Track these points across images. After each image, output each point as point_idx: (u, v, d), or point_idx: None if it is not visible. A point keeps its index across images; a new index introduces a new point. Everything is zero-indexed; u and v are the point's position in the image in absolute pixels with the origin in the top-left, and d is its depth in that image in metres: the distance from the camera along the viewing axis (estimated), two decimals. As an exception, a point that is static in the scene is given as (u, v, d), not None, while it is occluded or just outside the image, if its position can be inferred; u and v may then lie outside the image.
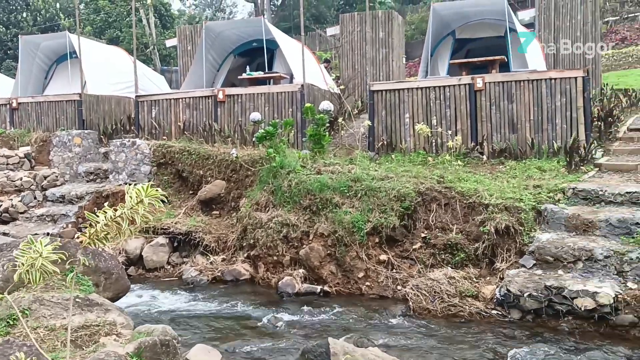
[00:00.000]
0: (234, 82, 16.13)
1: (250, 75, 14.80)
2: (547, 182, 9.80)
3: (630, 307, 7.29)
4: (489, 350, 6.87)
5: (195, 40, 18.10)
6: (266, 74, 14.86)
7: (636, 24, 27.60)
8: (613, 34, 26.65)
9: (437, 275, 8.73)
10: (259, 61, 16.22)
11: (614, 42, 25.51)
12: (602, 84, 16.39)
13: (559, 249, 8.26)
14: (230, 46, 16.54)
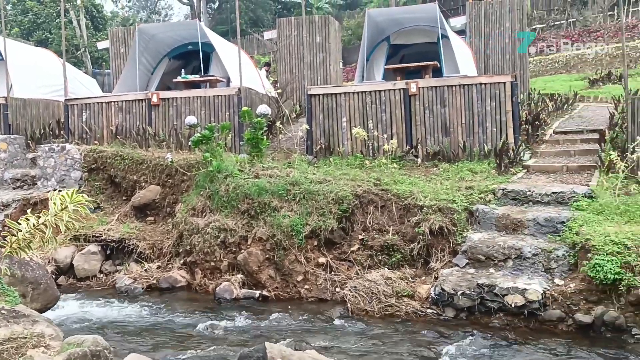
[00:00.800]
0: (169, 85, 15.83)
1: (186, 79, 14.57)
2: (478, 184, 10.11)
3: (558, 303, 7.61)
4: (424, 348, 7.01)
5: (128, 43, 17.67)
6: (202, 77, 14.67)
7: (562, 31, 28.96)
8: (540, 41, 27.85)
9: (374, 277, 8.84)
10: (195, 64, 15.99)
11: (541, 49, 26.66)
12: (530, 89, 17.09)
13: (490, 248, 8.54)
14: (165, 49, 16.24)
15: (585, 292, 7.54)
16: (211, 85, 14.43)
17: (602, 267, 7.34)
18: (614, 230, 7.81)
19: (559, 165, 10.95)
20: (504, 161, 10.89)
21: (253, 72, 15.53)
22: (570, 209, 8.94)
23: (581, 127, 12.93)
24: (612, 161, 9.31)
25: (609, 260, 7.36)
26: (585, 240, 7.80)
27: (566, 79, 20.88)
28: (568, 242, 8.14)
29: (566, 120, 14.00)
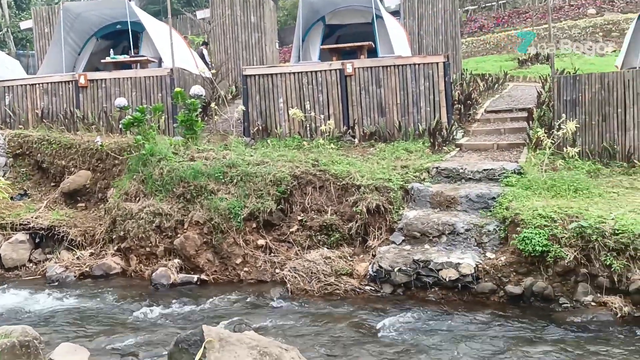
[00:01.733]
0: (97, 66, 15.21)
1: (115, 59, 14.05)
2: (413, 163, 10.30)
3: (490, 276, 7.89)
4: (362, 324, 7.12)
5: (53, 22, 16.81)
6: (132, 57, 14.18)
7: (493, 12, 29.70)
8: (472, 22, 28.48)
9: (313, 257, 8.89)
10: (125, 44, 15.42)
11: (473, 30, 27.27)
12: (462, 69, 17.47)
13: (425, 225, 8.74)
14: (91, 28, 15.55)
15: (515, 265, 7.85)
16: (142, 66, 13.97)
17: (531, 240, 7.65)
18: (541, 205, 8.14)
19: (490, 143, 11.28)
20: (438, 140, 11.12)
21: (186, 53, 15.14)
22: (500, 185, 9.25)
23: (511, 106, 13.36)
24: (539, 138, 9.68)
25: (537, 233, 7.67)
26: (515, 215, 8.10)
27: (497, 60, 21.47)
28: (498, 217, 8.44)
29: (497, 99, 14.43)
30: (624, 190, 8.80)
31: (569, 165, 9.63)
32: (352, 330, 6.97)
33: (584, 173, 9.42)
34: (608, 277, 7.26)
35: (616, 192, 8.71)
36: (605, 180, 9.38)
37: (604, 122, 10.10)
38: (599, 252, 7.32)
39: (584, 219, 7.58)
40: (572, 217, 7.71)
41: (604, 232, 7.34)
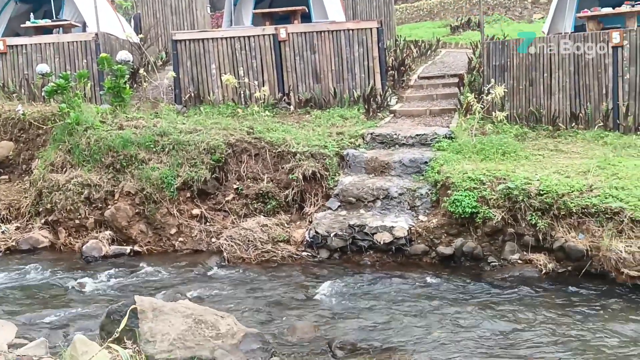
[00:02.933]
0: (17, 31, 14.31)
1: (36, 24, 13.25)
2: (348, 129, 10.35)
3: (422, 238, 8.10)
4: (300, 289, 7.19)
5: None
6: (54, 22, 13.43)
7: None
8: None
9: (250, 225, 8.84)
10: (46, 8, 14.57)
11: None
12: (396, 36, 17.55)
13: (360, 190, 8.84)
14: (9, -10, 14.60)
15: (447, 226, 8.08)
16: (65, 31, 13.27)
17: (461, 202, 7.88)
18: (471, 168, 8.37)
19: (423, 109, 11.46)
20: (372, 106, 11.19)
21: (112, 16, 14.48)
22: (432, 149, 9.45)
23: (443, 72, 13.56)
24: (469, 103, 9.90)
25: (466, 196, 7.91)
26: (446, 178, 8.31)
27: (430, 26, 21.71)
28: (430, 181, 8.63)
29: (430, 65, 14.61)
30: (549, 153, 9.15)
31: (498, 129, 9.92)
32: (289, 296, 7.02)
33: (511, 137, 9.72)
34: (533, 236, 7.58)
35: (542, 155, 9.06)
36: (531, 143, 9.73)
37: (531, 86, 10.42)
38: (525, 212, 7.62)
39: (511, 180, 7.85)
40: (500, 179, 7.98)
41: (529, 193, 7.64)
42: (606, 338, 5.66)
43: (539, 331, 5.85)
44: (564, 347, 5.51)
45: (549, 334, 5.78)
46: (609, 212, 7.15)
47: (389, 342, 5.70)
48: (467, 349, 5.53)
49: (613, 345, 5.51)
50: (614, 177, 7.70)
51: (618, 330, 5.81)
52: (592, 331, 5.81)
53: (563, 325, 5.96)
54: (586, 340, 5.62)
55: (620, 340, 5.60)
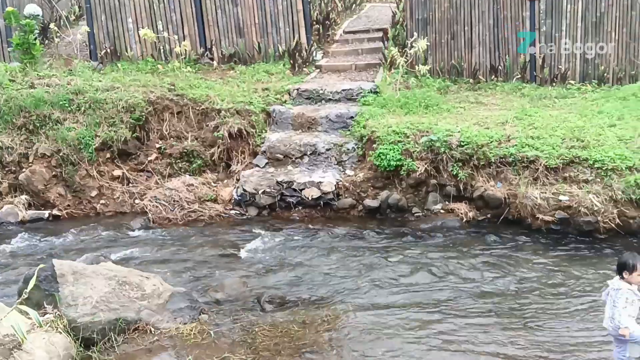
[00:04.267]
0: None
1: None
2: (274, 85, 10.21)
3: (349, 192, 8.19)
4: (228, 247, 7.15)
5: None
6: (-49, -29, 12.32)
7: None
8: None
9: (175, 184, 8.65)
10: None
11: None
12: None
13: (287, 147, 8.79)
14: None
15: (373, 180, 8.20)
16: (-36, -18, 12.22)
17: (386, 156, 7.99)
18: (395, 122, 8.48)
19: (348, 64, 11.43)
20: (298, 61, 11.06)
21: (18, -33, 13.43)
22: (358, 104, 9.49)
23: (368, 27, 13.51)
24: (393, 57, 9.95)
25: (391, 149, 8.02)
26: (371, 133, 8.38)
27: (354, -19, 21.47)
28: (357, 136, 8.69)
29: (355, 20, 14.51)
30: (469, 105, 9.39)
31: (421, 83, 10.06)
32: (218, 254, 6.97)
33: (434, 90, 9.90)
34: (455, 186, 7.82)
35: (463, 107, 9.28)
36: (453, 96, 9.94)
37: (453, 40, 10.58)
38: (447, 164, 7.83)
39: (433, 133, 8.02)
40: (423, 132, 8.13)
41: (451, 145, 7.84)
42: (522, 279, 5.97)
43: (459, 276, 6.09)
44: (482, 290, 5.77)
45: (469, 278, 6.04)
46: (525, 160, 7.46)
47: (318, 294, 5.78)
48: (392, 296, 5.69)
49: (528, 285, 5.83)
50: (530, 127, 8.01)
51: (532, 271, 6.14)
52: (509, 273, 6.11)
53: (482, 269, 6.23)
54: (502, 282, 5.91)
55: (534, 280, 5.93)
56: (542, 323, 5.09)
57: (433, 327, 5.05)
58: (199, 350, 4.61)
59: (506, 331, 4.97)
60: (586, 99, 9.15)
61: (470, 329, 5.02)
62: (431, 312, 5.35)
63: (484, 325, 5.09)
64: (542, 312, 5.29)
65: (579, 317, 5.17)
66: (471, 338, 4.86)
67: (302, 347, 4.66)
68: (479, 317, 5.24)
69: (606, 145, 7.31)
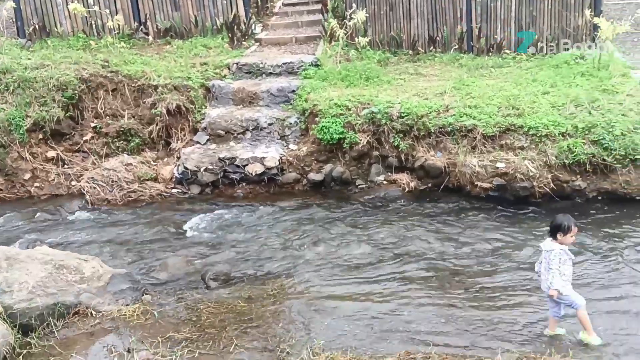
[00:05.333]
0: None
1: None
2: (213, 59, 9.98)
3: (293, 166, 8.16)
4: (171, 226, 7.03)
5: None
6: None
7: None
8: None
9: (113, 164, 8.40)
10: None
11: None
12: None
13: (228, 122, 8.65)
14: None
15: (316, 154, 8.19)
16: None
17: (328, 129, 7.98)
18: (337, 95, 8.46)
19: (288, 36, 11.29)
20: (237, 35, 10.84)
21: None
22: (299, 77, 9.40)
23: (307, -1, 13.36)
24: (333, 29, 9.88)
25: (333, 122, 8.01)
26: (313, 106, 8.34)
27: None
28: (299, 109, 8.63)
29: (294, -8, 14.32)
30: (409, 77, 9.46)
31: (362, 55, 10.05)
32: (160, 234, 6.85)
33: (374, 62, 9.91)
34: (397, 157, 7.91)
35: (403, 79, 9.34)
36: (393, 67, 9.98)
37: (392, 11, 10.58)
38: (389, 135, 7.90)
39: (374, 105, 8.05)
40: (364, 105, 8.15)
41: (392, 116, 7.89)
42: (462, 244, 6.14)
43: (402, 245, 6.21)
44: (424, 256, 5.90)
45: (412, 246, 6.17)
46: (464, 130, 7.61)
47: (263, 269, 5.78)
48: (337, 267, 5.75)
49: (467, 250, 6.00)
50: (467, 97, 8.15)
51: (471, 236, 6.32)
52: (449, 239, 6.27)
53: (424, 237, 6.37)
54: (442, 248, 6.06)
55: (473, 244, 6.10)
56: (481, 285, 5.26)
57: (377, 295, 5.14)
58: (142, 331, 4.54)
59: (446, 293, 5.13)
60: (521, 67, 9.37)
61: (413, 294, 5.15)
62: (375, 280, 5.44)
63: (426, 289, 5.23)
64: (481, 273, 5.47)
65: (515, 276, 5.37)
66: (413, 302, 4.98)
67: (248, 322, 4.66)
68: (421, 282, 5.37)
69: (540, 113, 7.53)
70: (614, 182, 7.00)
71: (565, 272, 4.23)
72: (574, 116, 7.41)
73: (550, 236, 4.28)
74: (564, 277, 4.22)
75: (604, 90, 7.90)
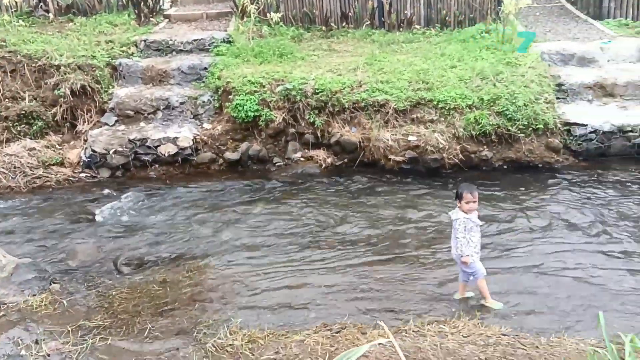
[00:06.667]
0: None
1: None
2: (119, 37, 9.57)
3: (208, 146, 8.00)
4: (80, 212, 6.73)
5: None
6: None
7: None
8: None
9: (15, 150, 7.94)
10: None
11: None
12: None
13: (138, 102, 8.35)
14: None
15: (232, 132, 8.06)
16: None
17: (243, 107, 7.87)
18: (250, 72, 8.34)
19: (199, 12, 11.00)
20: (144, 11, 10.43)
21: None
22: (211, 55, 9.20)
23: (218, -26, 13.03)
24: (244, 5, 9.70)
25: (248, 100, 7.91)
26: (227, 84, 8.19)
27: None
28: (212, 87, 8.45)
29: (204, -33, 13.93)
30: (323, 53, 9.46)
31: (275, 32, 9.94)
32: (69, 221, 6.55)
33: (288, 38, 9.83)
34: (313, 134, 7.93)
35: (317, 55, 9.33)
36: (307, 44, 9.95)
37: (303, -13, 10.52)
38: (304, 112, 7.89)
39: (289, 82, 8.01)
40: (278, 81, 8.09)
41: (306, 93, 7.89)
42: (377, 216, 6.27)
43: (319, 220, 6.26)
44: (340, 231, 5.99)
45: (328, 221, 6.23)
46: (377, 105, 7.73)
47: (179, 252, 5.66)
48: (254, 247, 5.72)
49: (383, 222, 6.13)
50: (379, 72, 8.27)
51: (386, 209, 6.46)
52: (365, 212, 6.38)
53: (340, 212, 6.44)
54: (359, 221, 6.17)
55: (388, 216, 6.25)
56: (395, 254, 5.40)
57: (294, 271, 5.16)
58: (51, 321, 4.34)
59: (362, 264, 5.24)
60: (430, 42, 9.59)
61: (329, 267, 5.21)
62: (292, 257, 5.45)
63: (343, 261, 5.30)
64: (394, 244, 5.61)
65: (426, 245, 5.56)
66: (330, 275, 5.05)
67: (163, 306, 4.56)
68: (338, 255, 5.44)
69: (448, 86, 7.76)
70: (518, 151, 7.36)
71: (472, 239, 4.40)
72: (480, 89, 7.70)
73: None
74: (471, 244, 4.39)
75: (508, 63, 8.24)
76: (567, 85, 8.13)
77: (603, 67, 8.55)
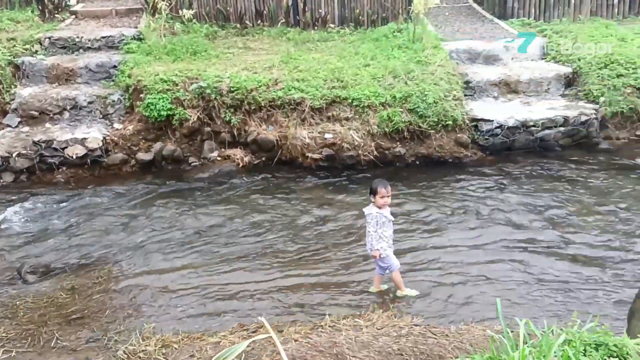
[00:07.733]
0: None
1: None
2: (22, 34, 9.09)
3: (119, 146, 7.73)
4: (-21, 220, 6.33)
5: None
6: None
7: None
8: None
9: None
10: None
11: None
12: None
13: (42, 102, 7.96)
14: None
15: (144, 132, 7.83)
16: None
17: (155, 106, 7.67)
18: (163, 69, 8.13)
19: (108, 9, 10.61)
20: (48, 7, 9.94)
21: None
22: (121, 52, 8.90)
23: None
24: (155, 1, 9.43)
25: (160, 98, 7.71)
26: (138, 82, 7.94)
27: None
28: (122, 86, 8.18)
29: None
30: (238, 51, 9.36)
31: (188, 29, 9.73)
32: (-34, 229, 6.13)
33: (202, 36, 9.65)
34: (229, 132, 7.83)
35: (232, 53, 9.22)
36: (222, 42, 9.81)
37: (216, -16, 10.36)
38: (219, 110, 7.79)
39: (203, 80, 7.87)
40: (192, 79, 7.94)
41: (221, 91, 7.79)
42: (295, 215, 6.28)
43: (233, 220, 6.21)
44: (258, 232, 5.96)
45: (244, 222, 6.18)
46: (293, 103, 7.74)
47: (88, 258, 5.44)
48: (168, 249, 5.60)
49: (302, 221, 6.15)
50: (295, 71, 8.28)
51: (304, 207, 6.49)
52: (282, 212, 6.38)
53: (257, 212, 6.41)
54: (276, 221, 6.17)
55: (307, 213, 6.28)
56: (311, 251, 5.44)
57: (209, 272, 5.09)
58: (-53, 338, 4.06)
59: (278, 263, 5.24)
60: (345, 41, 9.71)
61: (245, 267, 5.18)
62: (208, 259, 5.38)
63: (258, 261, 5.29)
64: (311, 240, 5.65)
65: (342, 241, 5.64)
66: (245, 276, 5.03)
67: (72, 314, 4.37)
68: (254, 255, 5.42)
69: (362, 84, 7.90)
70: (429, 146, 7.59)
71: (384, 234, 4.51)
72: (392, 87, 7.88)
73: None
74: (384, 239, 4.49)
75: (418, 61, 8.48)
76: (474, 83, 8.49)
77: (507, 65, 8.99)
